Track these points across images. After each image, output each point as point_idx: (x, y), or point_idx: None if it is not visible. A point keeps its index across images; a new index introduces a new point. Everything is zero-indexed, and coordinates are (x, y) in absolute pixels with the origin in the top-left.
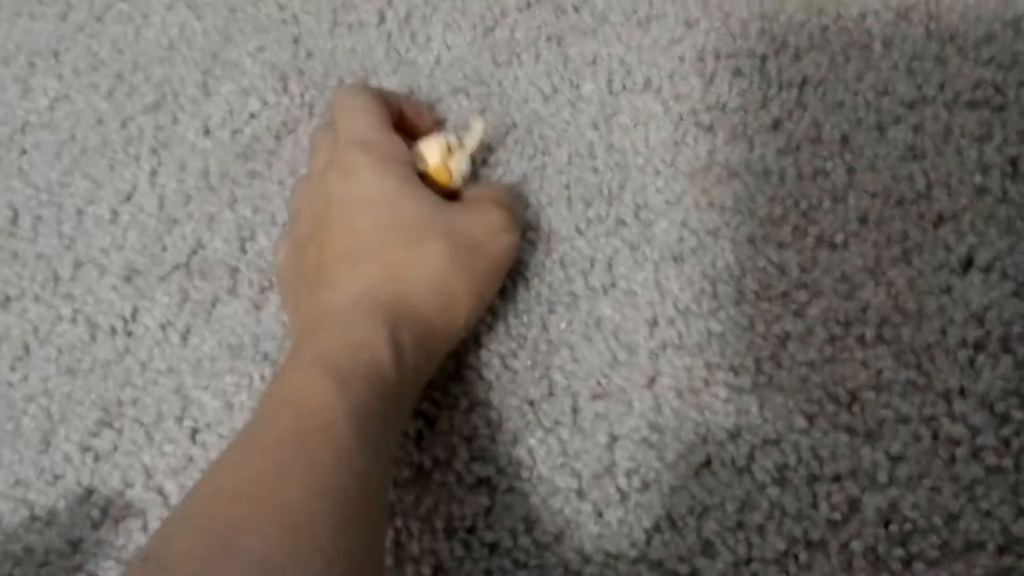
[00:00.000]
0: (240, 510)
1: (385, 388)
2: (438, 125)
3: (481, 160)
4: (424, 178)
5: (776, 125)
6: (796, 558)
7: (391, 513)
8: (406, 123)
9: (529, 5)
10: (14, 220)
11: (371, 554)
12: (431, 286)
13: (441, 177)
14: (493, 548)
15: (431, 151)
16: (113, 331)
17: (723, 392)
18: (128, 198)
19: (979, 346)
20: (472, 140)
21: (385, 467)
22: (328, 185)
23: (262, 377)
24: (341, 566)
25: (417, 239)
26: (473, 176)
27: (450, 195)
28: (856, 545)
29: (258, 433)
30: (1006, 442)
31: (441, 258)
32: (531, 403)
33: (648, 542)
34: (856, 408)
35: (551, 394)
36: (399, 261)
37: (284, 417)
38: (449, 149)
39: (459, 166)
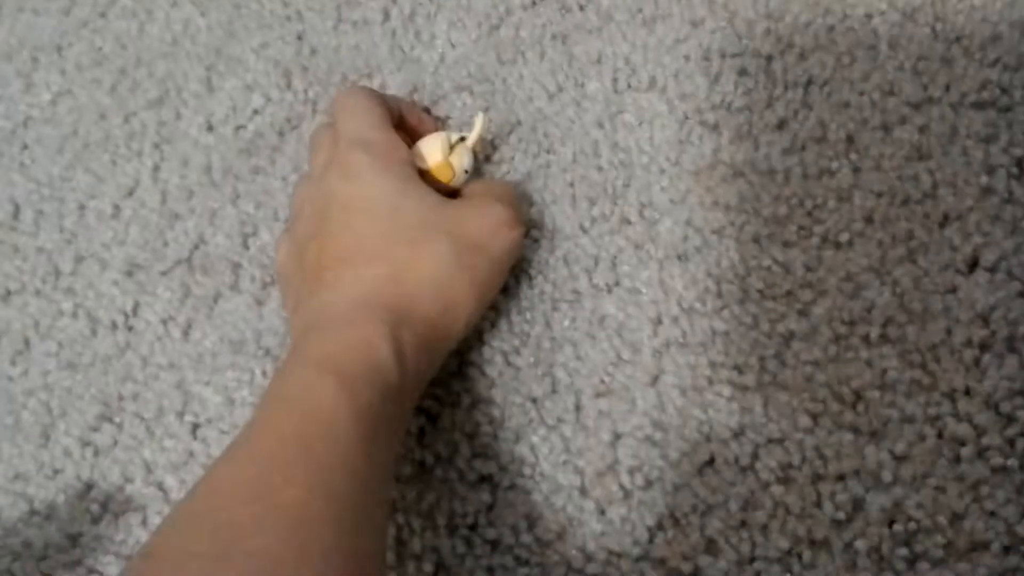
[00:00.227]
0: (242, 510)
1: (387, 388)
2: (439, 127)
3: (484, 157)
4: (425, 176)
5: (781, 125)
6: (800, 557)
7: (393, 509)
8: (407, 127)
9: (534, 3)
10: (15, 214)
11: (373, 553)
12: (433, 287)
13: (443, 174)
14: (495, 545)
15: (432, 149)
16: (114, 326)
17: (727, 391)
18: (130, 193)
19: (984, 346)
20: (473, 136)
21: (387, 467)
22: (329, 185)
23: (263, 373)
24: (343, 565)
25: (419, 239)
26: (476, 172)
27: (451, 193)
28: (860, 544)
29: (260, 432)
30: (1011, 442)
31: (443, 258)
32: (534, 400)
33: (651, 540)
34: (861, 407)
35: (554, 391)
36: (401, 262)
37: (286, 416)
38: (450, 146)
39: (461, 163)
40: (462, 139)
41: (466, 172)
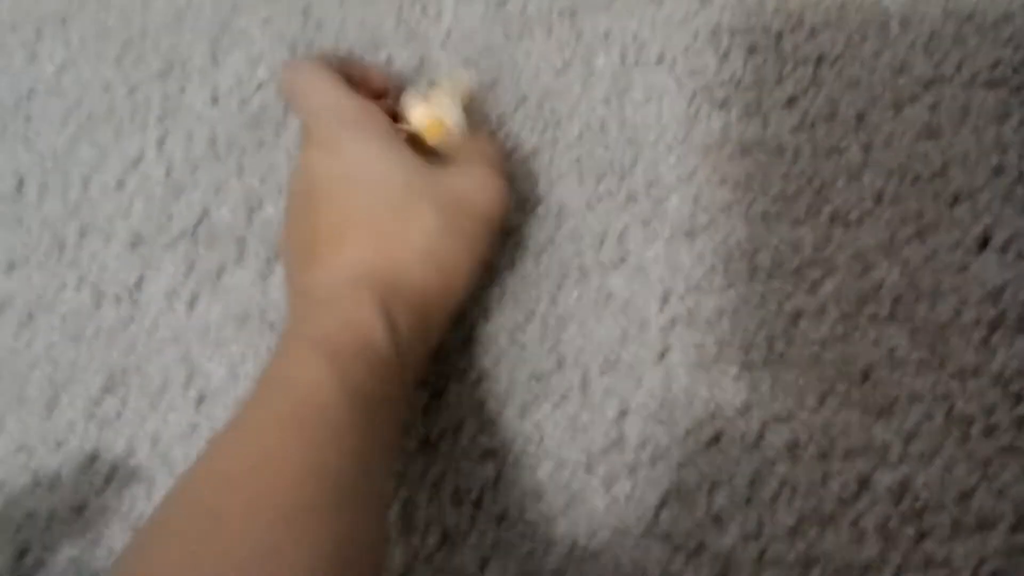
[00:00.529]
0: (236, 492)
1: (380, 365)
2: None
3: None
4: (414, 139)
5: (791, 102)
6: (805, 534)
7: (398, 483)
8: (355, 84)
9: None
10: (19, 187)
11: (371, 532)
12: (424, 256)
13: (435, 133)
14: (500, 519)
15: (415, 108)
16: (118, 299)
17: (734, 368)
18: (134, 166)
19: (994, 325)
20: (459, 92)
21: (384, 445)
22: (312, 163)
23: (268, 346)
24: (339, 545)
25: (406, 207)
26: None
27: (435, 155)
28: (867, 521)
29: (253, 414)
30: (1020, 421)
31: (432, 225)
32: (539, 376)
33: (656, 516)
34: (868, 386)
35: (560, 368)
36: (389, 234)
37: (278, 398)
38: (434, 104)
39: (448, 120)
40: (436, 90)
41: (456, 128)
